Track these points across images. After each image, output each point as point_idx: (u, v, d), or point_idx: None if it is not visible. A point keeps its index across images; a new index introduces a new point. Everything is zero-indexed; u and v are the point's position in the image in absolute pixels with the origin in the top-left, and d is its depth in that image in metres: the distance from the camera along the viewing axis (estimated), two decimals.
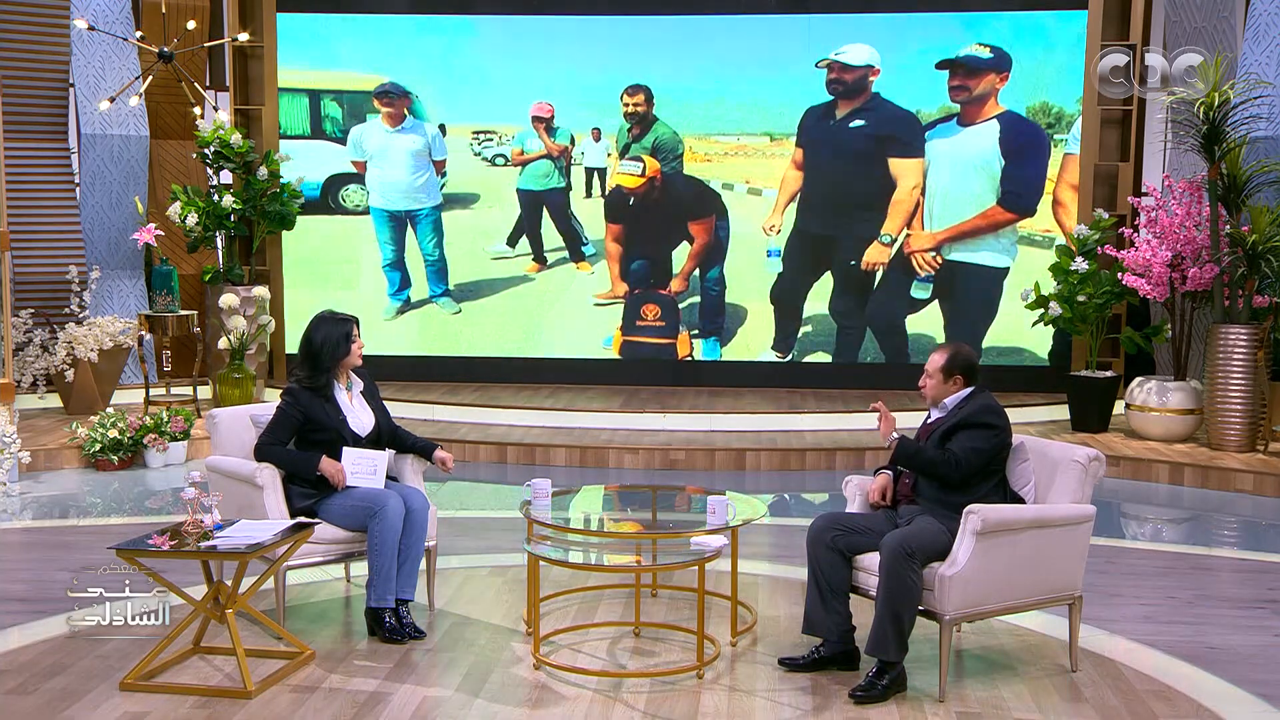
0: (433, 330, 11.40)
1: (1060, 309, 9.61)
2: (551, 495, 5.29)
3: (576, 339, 11.29)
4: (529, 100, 11.14)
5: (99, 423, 8.82)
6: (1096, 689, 4.67)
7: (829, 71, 10.84)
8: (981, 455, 4.76)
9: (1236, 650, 5.19)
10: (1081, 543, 4.81)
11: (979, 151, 10.77)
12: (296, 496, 5.26)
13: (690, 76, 11.04)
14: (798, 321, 11.08)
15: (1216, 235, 8.97)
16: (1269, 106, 9.49)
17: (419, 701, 4.49)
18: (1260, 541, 7.58)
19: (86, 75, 10.87)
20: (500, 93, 11.16)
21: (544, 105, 11.10)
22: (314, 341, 5.30)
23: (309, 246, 11.34)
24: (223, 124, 10.57)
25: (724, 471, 8.99)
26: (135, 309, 11.09)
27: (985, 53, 10.72)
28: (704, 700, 4.53)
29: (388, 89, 11.18)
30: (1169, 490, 8.59)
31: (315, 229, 11.30)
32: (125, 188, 11.09)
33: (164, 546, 4.54)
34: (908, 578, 4.49)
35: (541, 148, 11.15)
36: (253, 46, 11.12)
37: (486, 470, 9.08)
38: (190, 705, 4.43)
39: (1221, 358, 8.91)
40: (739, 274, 11.08)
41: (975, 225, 10.81)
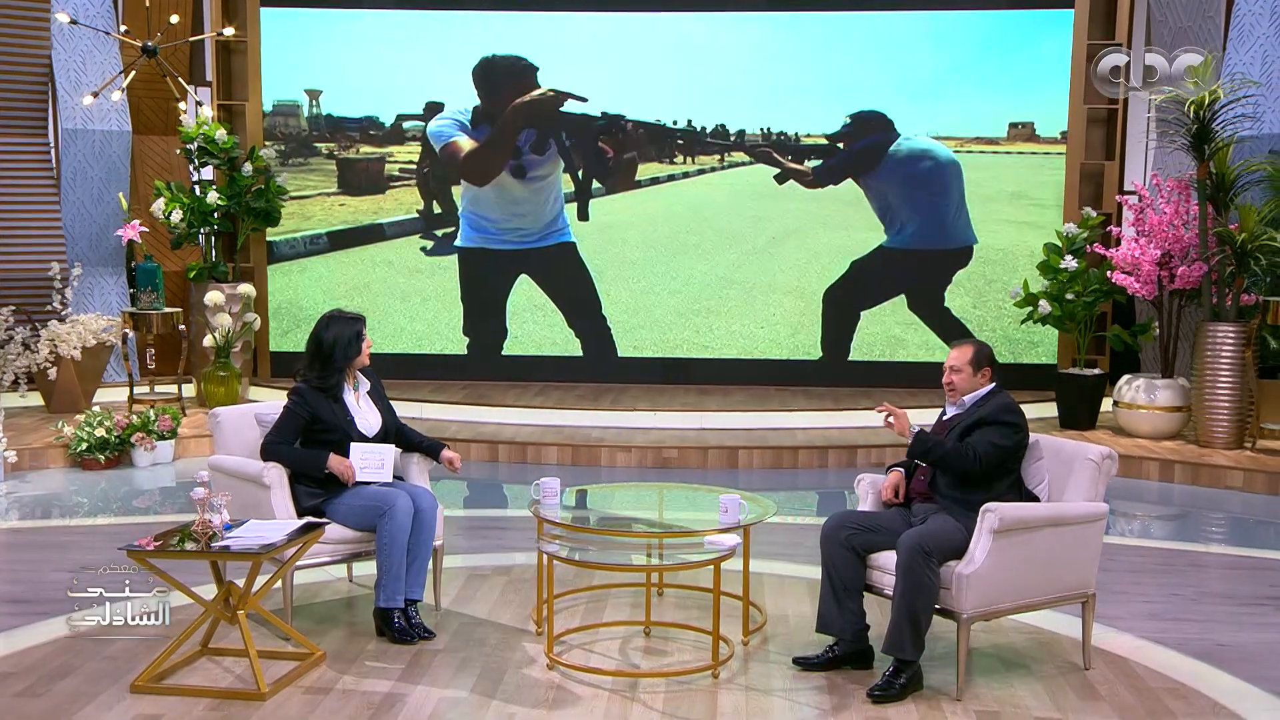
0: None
1: (1050, 307, 9.66)
2: (560, 494, 5.27)
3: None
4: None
5: (85, 421, 8.71)
6: (1111, 687, 4.68)
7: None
8: (1000, 451, 4.75)
9: (1245, 647, 5.22)
10: (1095, 541, 4.82)
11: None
12: (303, 496, 5.21)
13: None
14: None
15: (1205, 234, 9.03)
16: (1255, 106, 9.57)
17: (435, 703, 4.45)
18: (1254, 538, 7.64)
19: (68, 70, 10.73)
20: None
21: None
22: (325, 341, 5.24)
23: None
24: (206, 119, 10.45)
25: (717, 469, 8.98)
26: (117, 306, 10.96)
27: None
28: (721, 700, 4.51)
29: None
30: (1160, 487, 8.64)
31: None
32: (107, 184, 10.96)
33: (149, 547, 4.48)
34: (925, 576, 4.48)
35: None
36: (237, 41, 11.01)
37: (478, 469, 9.02)
38: (204, 707, 4.37)
39: (1210, 355, 8.97)
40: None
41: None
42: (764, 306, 11.15)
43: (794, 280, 11.13)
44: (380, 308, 11.19)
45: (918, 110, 10.87)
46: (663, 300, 11.22)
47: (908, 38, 10.92)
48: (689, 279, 11.22)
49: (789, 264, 11.14)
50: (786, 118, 11.01)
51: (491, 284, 11.28)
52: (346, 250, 11.38)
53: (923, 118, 10.87)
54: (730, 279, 11.19)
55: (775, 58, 11.03)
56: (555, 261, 11.24)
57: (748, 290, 11.17)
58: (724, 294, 11.19)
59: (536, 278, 11.29)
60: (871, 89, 10.91)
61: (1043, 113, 10.80)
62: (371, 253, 11.38)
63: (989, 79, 10.87)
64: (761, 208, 11.18)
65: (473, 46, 11.07)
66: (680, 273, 11.23)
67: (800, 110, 11.01)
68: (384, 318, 11.18)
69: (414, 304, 11.35)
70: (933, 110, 10.87)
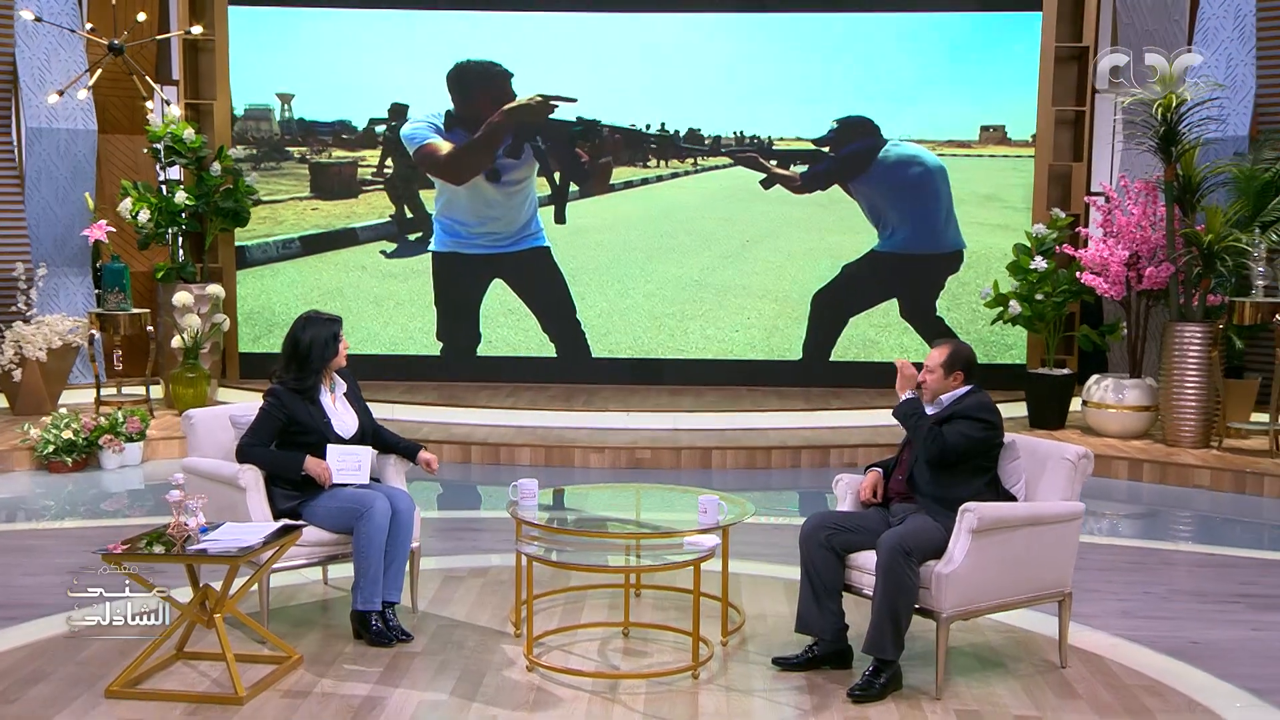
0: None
1: (1020, 307, 9.72)
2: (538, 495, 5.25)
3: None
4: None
5: (52, 424, 8.61)
6: (1088, 685, 4.72)
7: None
8: (970, 442, 4.77)
9: (1218, 645, 5.27)
10: (1072, 540, 4.86)
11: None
12: (279, 498, 5.16)
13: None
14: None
15: (1172, 235, 9.12)
16: (1220, 108, 9.67)
17: (415, 706, 4.43)
18: (1222, 536, 7.73)
19: (32, 67, 10.61)
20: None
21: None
22: (302, 342, 5.20)
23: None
24: (174, 119, 10.35)
25: (690, 470, 8.98)
26: (83, 307, 10.85)
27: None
28: (702, 701, 4.51)
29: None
30: (1129, 486, 8.72)
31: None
32: (72, 183, 10.84)
33: (117, 550, 4.43)
34: (906, 576, 4.49)
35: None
36: (204, 40, 10.91)
37: (451, 470, 8.97)
38: (180, 712, 4.33)
39: (1177, 355, 9.06)
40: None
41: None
42: (739, 309, 11.16)
43: (769, 283, 11.15)
44: (353, 312, 11.12)
45: (890, 113, 10.92)
46: (637, 303, 11.21)
47: (879, 40, 10.97)
48: (663, 282, 11.22)
49: (762, 267, 11.16)
50: (760, 121, 11.03)
51: (465, 288, 11.24)
52: (319, 255, 11.32)
53: (895, 121, 10.92)
54: (704, 281, 11.19)
55: (747, 60, 11.05)
56: (529, 266, 11.21)
57: (720, 292, 11.18)
58: (699, 296, 11.19)
59: (510, 282, 11.26)
60: (847, 93, 10.95)
61: (1013, 115, 10.88)
62: (344, 257, 11.32)
63: (959, 81, 10.92)
64: (734, 210, 11.19)
65: (443, 48, 11.04)
66: (654, 275, 11.22)
67: (774, 113, 11.03)
68: (357, 322, 11.12)
69: (387, 308, 11.29)
70: (904, 113, 10.93)
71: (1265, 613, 5.77)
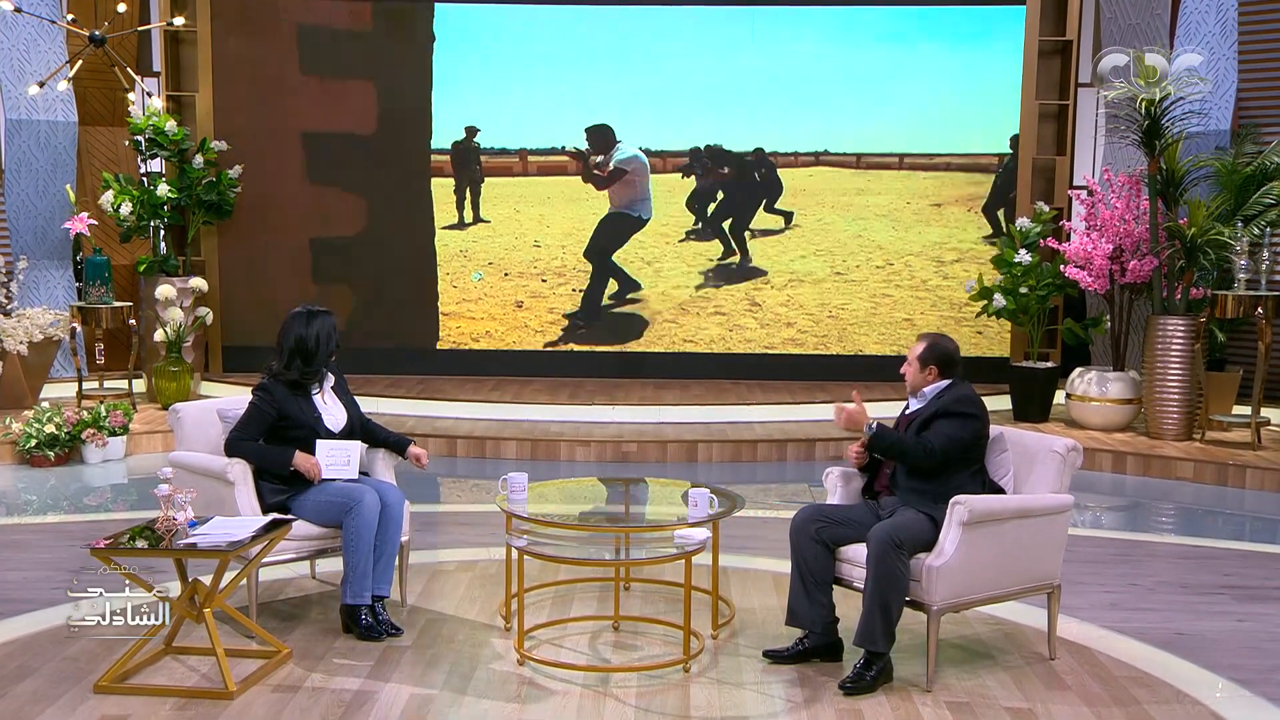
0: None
1: (1004, 301, 9.75)
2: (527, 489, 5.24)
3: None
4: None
5: (34, 418, 8.55)
6: (1077, 677, 4.74)
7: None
8: (957, 443, 4.77)
9: (1204, 635, 5.30)
10: (1061, 532, 4.89)
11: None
12: (268, 492, 5.14)
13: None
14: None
15: (1155, 228, 9.16)
16: (1202, 103, 9.72)
17: (406, 699, 4.42)
18: (1205, 528, 7.77)
19: (11, 59, 10.53)
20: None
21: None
22: (308, 336, 5.17)
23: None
24: (156, 110, 10.28)
25: (676, 463, 8.99)
26: (64, 300, 10.77)
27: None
28: (694, 694, 4.52)
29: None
30: (1112, 479, 8.77)
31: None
32: (52, 175, 10.76)
33: (100, 545, 4.41)
34: (896, 569, 4.51)
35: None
36: (186, 31, 10.84)
37: (436, 464, 8.92)
38: (170, 707, 4.31)
39: (1160, 348, 9.11)
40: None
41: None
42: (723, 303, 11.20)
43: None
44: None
45: (870, 111, 10.95)
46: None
47: (856, 34, 10.99)
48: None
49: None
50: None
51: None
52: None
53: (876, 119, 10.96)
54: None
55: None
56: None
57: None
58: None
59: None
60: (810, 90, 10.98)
61: (997, 110, 10.89)
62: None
63: (941, 76, 10.93)
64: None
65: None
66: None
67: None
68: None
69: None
70: (886, 106, 10.95)
71: (1250, 604, 5.81)
